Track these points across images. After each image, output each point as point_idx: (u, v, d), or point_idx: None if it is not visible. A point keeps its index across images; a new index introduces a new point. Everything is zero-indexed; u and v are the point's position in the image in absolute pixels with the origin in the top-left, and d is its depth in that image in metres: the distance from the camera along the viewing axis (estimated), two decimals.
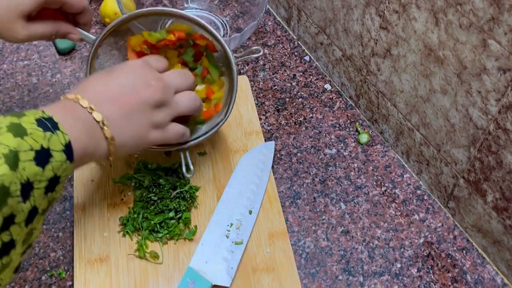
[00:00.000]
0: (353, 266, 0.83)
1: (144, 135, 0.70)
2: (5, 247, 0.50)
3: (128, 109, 0.68)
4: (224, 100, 0.88)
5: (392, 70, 0.89)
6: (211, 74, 0.88)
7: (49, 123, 0.56)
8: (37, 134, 0.54)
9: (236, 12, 1.18)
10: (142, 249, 0.81)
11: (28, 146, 0.52)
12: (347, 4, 0.94)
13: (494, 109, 0.72)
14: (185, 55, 0.87)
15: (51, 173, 0.55)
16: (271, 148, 0.95)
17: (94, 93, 0.66)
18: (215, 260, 0.81)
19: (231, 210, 0.86)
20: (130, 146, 0.70)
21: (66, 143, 0.57)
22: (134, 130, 0.69)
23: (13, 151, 0.50)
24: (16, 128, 0.52)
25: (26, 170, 0.51)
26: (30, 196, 0.52)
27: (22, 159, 0.51)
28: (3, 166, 0.49)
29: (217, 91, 0.88)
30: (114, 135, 0.66)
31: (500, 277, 0.83)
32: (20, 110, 1.00)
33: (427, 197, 0.92)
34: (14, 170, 0.50)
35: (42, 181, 0.54)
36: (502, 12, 0.65)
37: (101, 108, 0.65)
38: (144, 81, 0.70)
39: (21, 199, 0.51)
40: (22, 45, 1.12)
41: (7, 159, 0.50)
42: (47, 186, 0.55)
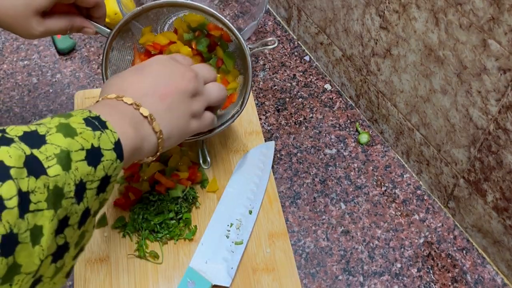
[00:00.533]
0: (353, 266, 0.83)
1: (186, 125, 0.71)
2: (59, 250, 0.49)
3: (170, 101, 0.67)
4: (239, 91, 0.89)
5: (392, 70, 0.89)
6: (226, 64, 0.89)
7: (97, 121, 0.56)
8: (87, 133, 0.53)
9: (236, 12, 1.18)
10: (142, 249, 0.81)
11: (79, 145, 0.52)
12: (347, 4, 0.94)
13: (494, 109, 0.72)
14: (200, 45, 0.88)
15: (103, 172, 0.54)
16: (271, 148, 0.95)
17: (133, 89, 0.66)
18: (215, 260, 0.81)
19: (231, 210, 0.86)
20: (176, 137, 0.70)
21: (116, 141, 0.57)
22: (177, 121, 0.69)
23: (64, 151, 0.50)
24: (66, 128, 0.52)
25: (79, 170, 0.51)
26: (84, 197, 0.52)
27: (74, 159, 0.50)
28: (56, 167, 0.48)
29: (232, 81, 0.89)
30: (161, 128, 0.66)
31: (500, 277, 0.83)
32: (20, 110, 1.00)
33: (427, 197, 0.92)
34: (67, 171, 0.49)
35: (94, 181, 0.53)
36: (502, 12, 0.65)
37: (145, 103, 0.64)
38: (178, 72, 0.70)
39: (75, 200, 0.50)
40: (22, 45, 1.12)
41: (59, 159, 0.49)
42: (99, 186, 0.54)
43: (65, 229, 0.49)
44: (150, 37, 0.88)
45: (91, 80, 1.06)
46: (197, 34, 0.88)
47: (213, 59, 0.89)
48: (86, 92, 1.00)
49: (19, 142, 0.47)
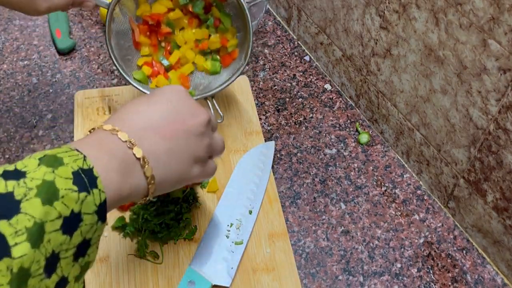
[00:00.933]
0: (353, 266, 0.83)
1: (186, 171, 0.62)
2: None
3: (173, 140, 0.60)
4: (241, 46, 0.92)
5: (392, 70, 0.89)
6: (224, 23, 0.91)
7: (87, 178, 0.49)
8: (70, 197, 0.47)
9: None
10: (142, 249, 0.81)
11: (57, 214, 0.46)
12: (347, 4, 0.94)
13: (494, 109, 0.72)
14: (195, 7, 0.91)
15: (80, 238, 0.48)
16: (271, 148, 0.95)
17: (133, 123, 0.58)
18: (215, 260, 0.81)
19: (231, 210, 0.86)
20: (170, 184, 0.61)
21: (101, 203, 0.50)
22: (177, 165, 0.61)
23: (38, 223, 0.44)
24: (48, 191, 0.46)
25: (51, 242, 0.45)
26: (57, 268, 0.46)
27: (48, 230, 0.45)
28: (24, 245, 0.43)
29: (231, 38, 0.92)
30: (154, 172, 0.58)
31: (500, 277, 0.83)
32: (20, 110, 1.00)
33: (427, 197, 0.92)
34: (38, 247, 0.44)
35: (70, 249, 0.47)
36: (502, 12, 0.65)
37: (142, 141, 0.57)
38: (190, 109, 0.63)
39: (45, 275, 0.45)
40: (22, 45, 1.12)
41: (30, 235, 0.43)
42: (76, 253, 0.48)
43: None
44: (146, 8, 0.90)
45: (91, 80, 1.06)
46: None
47: (210, 20, 0.92)
48: (86, 92, 1.00)
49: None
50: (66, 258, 0.47)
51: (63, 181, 0.47)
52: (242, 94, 1.01)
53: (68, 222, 0.46)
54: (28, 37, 1.13)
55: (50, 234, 0.45)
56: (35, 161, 0.48)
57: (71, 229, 0.47)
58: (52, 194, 0.46)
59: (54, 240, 0.45)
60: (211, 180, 0.89)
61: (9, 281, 0.42)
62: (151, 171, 0.57)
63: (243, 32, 0.91)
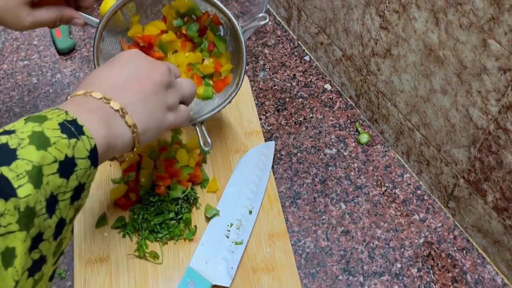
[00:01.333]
0: (353, 266, 0.83)
1: (162, 118, 0.67)
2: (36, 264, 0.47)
3: (144, 93, 0.64)
4: (234, 71, 0.89)
5: (392, 70, 0.89)
6: (218, 47, 0.89)
7: (73, 127, 0.53)
8: (61, 143, 0.50)
9: (236, 12, 1.18)
10: (142, 249, 0.81)
11: (52, 158, 0.49)
12: (347, 4, 0.94)
13: (494, 109, 0.72)
14: (189, 30, 0.88)
15: (76, 182, 0.52)
16: (271, 148, 0.95)
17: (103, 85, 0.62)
18: (215, 260, 0.81)
19: (231, 210, 0.86)
20: (152, 131, 0.66)
21: (92, 148, 0.54)
22: (153, 114, 0.65)
23: (36, 167, 0.47)
24: (39, 138, 0.49)
25: (50, 184, 0.48)
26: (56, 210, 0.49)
27: (46, 173, 0.48)
28: (27, 186, 0.46)
29: (225, 63, 0.89)
30: (135, 121, 0.62)
31: (500, 277, 0.83)
32: (20, 110, 1.00)
33: (427, 197, 0.92)
34: (39, 188, 0.47)
35: (67, 192, 0.51)
36: (502, 12, 0.65)
37: (115, 97, 0.61)
38: (149, 65, 0.67)
39: (47, 215, 0.48)
40: (22, 45, 1.12)
41: (31, 177, 0.46)
42: (72, 196, 0.52)
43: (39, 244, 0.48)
44: (138, 29, 0.87)
45: None
46: (186, 20, 0.89)
47: (204, 43, 0.89)
48: None
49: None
50: (64, 200, 0.50)
51: (51, 131, 0.50)
52: (242, 94, 1.01)
53: (64, 166, 0.50)
54: (28, 37, 1.13)
55: (48, 177, 0.48)
56: (21, 121, 0.51)
57: (67, 173, 0.50)
58: (43, 141, 0.49)
59: (52, 182, 0.49)
60: (211, 180, 0.89)
61: (18, 219, 0.45)
62: (132, 120, 0.61)
63: (237, 57, 0.88)
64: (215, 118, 0.97)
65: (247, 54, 0.84)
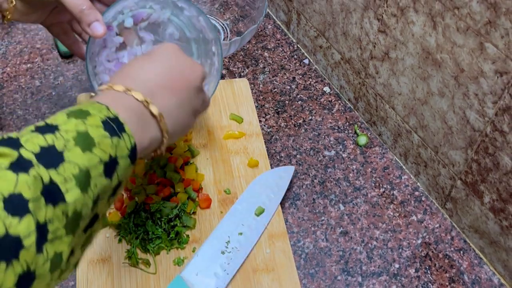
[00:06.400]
0: (351, 266, 0.84)
1: (188, 123, 0.66)
2: (59, 258, 0.46)
3: (180, 98, 0.63)
4: None
5: (390, 73, 0.90)
6: None
7: (115, 124, 0.52)
8: (105, 143, 0.50)
9: (237, 16, 1.19)
10: (134, 257, 0.81)
11: (98, 159, 0.49)
12: (346, 8, 0.95)
13: (491, 112, 0.73)
14: None
15: (117, 181, 0.52)
16: (289, 172, 0.93)
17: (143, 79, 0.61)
18: (206, 274, 0.79)
19: (233, 227, 0.85)
20: (177, 136, 0.66)
21: (132, 147, 0.53)
22: (183, 118, 0.64)
23: (83, 170, 0.47)
24: (84, 140, 0.49)
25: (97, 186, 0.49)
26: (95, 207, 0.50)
27: (93, 175, 0.48)
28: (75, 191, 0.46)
29: None
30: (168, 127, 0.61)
31: (497, 278, 0.84)
32: (23, 112, 1.01)
33: (425, 198, 0.93)
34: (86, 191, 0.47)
35: (108, 191, 0.51)
36: (499, 15, 0.66)
37: (155, 97, 0.60)
38: (188, 65, 0.66)
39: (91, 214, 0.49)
40: (25, 48, 1.13)
41: (78, 181, 0.47)
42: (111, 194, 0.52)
43: None
44: None
45: None
46: None
47: None
48: (89, 95, 1.01)
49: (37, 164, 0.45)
50: (104, 199, 0.51)
51: (94, 129, 0.50)
52: (242, 97, 1.02)
53: (108, 166, 0.50)
54: (31, 41, 1.14)
55: (96, 179, 0.48)
56: (63, 115, 0.51)
57: (111, 172, 0.50)
58: (89, 142, 0.49)
59: (100, 184, 0.49)
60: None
61: (65, 224, 0.45)
62: (166, 125, 0.60)
63: None
64: (216, 120, 0.98)
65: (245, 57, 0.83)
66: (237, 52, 1.14)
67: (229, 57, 1.13)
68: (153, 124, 0.59)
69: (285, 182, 0.91)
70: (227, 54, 1.06)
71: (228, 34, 1.17)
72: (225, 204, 0.88)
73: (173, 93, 0.62)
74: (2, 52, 1.12)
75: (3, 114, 1.00)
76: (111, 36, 0.79)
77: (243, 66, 1.12)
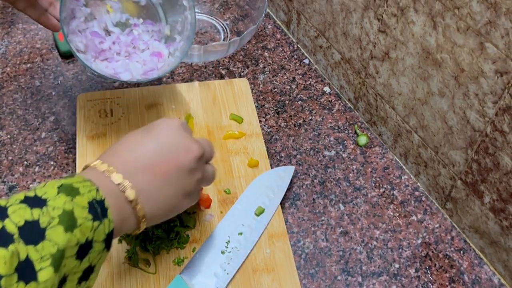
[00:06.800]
0: (351, 266, 0.84)
1: (176, 205, 0.65)
2: None
3: (164, 177, 0.61)
4: None
5: (390, 73, 0.90)
6: None
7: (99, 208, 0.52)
8: (86, 226, 0.50)
9: (237, 16, 1.19)
10: (134, 257, 0.80)
11: (76, 241, 0.49)
12: (346, 8, 0.95)
13: (491, 112, 0.73)
14: None
15: (87, 264, 0.51)
16: (289, 172, 0.93)
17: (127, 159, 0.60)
18: (206, 274, 0.79)
19: (233, 227, 0.85)
20: (162, 217, 0.64)
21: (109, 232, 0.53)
22: (167, 201, 0.63)
23: (60, 250, 0.47)
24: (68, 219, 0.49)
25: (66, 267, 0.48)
26: None
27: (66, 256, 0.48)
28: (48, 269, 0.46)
29: None
30: (146, 210, 0.60)
31: (497, 278, 0.84)
32: (23, 112, 1.01)
33: (425, 198, 0.93)
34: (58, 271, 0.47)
35: (77, 273, 0.50)
36: (499, 15, 0.66)
37: (134, 178, 0.59)
38: (184, 145, 0.64)
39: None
40: (25, 48, 1.13)
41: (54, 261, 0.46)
42: (81, 276, 0.51)
43: None
44: None
45: (93, 83, 1.07)
46: None
47: None
48: (88, 94, 1.01)
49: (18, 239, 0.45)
50: (72, 281, 0.50)
51: (80, 210, 0.50)
52: (242, 97, 1.02)
53: (82, 248, 0.50)
54: (31, 41, 1.14)
55: (67, 259, 0.48)
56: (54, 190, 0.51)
57: (83, 255, 0.50)
58: (72, 222, 0.49)
59: (69, 265, 0.49)
60: None
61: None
62: (142, 211, 0.59)
63: None
64: (216, 120, 0.98)
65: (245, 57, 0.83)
66: (237, 52, 1.14)
67: (229, 57, 1.13)
68: (128, 208, 0.58)
69: (285, 182, 0.91)
70: (226, 54, 1.06)
71: (228, 34, 1.17)
72: (225, 204, 0.88)
73: (155, 175, 0.61)
74: (2, 52, 1.12)
75: (3, 114, 1.00)
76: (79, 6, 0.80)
77: (243, 66, 1.12)
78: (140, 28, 0.91)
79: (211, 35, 1.18)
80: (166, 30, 0.91)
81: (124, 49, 0.88)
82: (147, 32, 0.91)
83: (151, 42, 0.90)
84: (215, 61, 1.12)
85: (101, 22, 0.85)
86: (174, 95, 1.02)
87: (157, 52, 0.90)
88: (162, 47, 0.91)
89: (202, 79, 1.09)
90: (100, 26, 0.85)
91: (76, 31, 0.83)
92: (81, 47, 0.82)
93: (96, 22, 0.85)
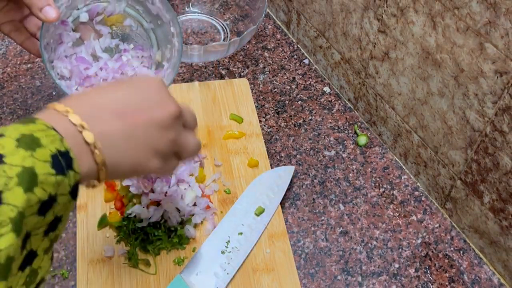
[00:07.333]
0: (351, 266, 0.84)
1: (143, 161, 0.58)
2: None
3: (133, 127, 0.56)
4: None
5: (390, 73, 0.90)
6: None
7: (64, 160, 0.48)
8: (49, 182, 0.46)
9: (237, 16, 1.19)
10: (134, 258, 0.81)
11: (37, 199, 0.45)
12: (346, 8, 0.95)
13: (491, 112, 0.73)
14: None
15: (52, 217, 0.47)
16: (289, 172, 0.93)
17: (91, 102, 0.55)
18: (206, 274, 0.80)
19: (233, 227, 0.85)
20: (125, 172, 0.58)
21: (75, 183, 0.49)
22: (133, 154, 0.57)
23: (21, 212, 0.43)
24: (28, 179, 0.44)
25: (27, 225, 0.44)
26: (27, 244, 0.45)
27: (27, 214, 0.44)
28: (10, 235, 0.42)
29: None
30: (107, 157, 0.54)
31: (497, 277, 0.84)
32: (24, 112, 1.01)
33: (424, 198, 0.93)
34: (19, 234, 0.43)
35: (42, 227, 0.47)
36: (499, 16, 0.66)
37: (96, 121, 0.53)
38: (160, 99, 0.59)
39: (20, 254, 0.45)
40: None
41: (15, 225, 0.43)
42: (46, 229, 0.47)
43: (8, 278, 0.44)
44: None
45: None
46: None
47: None
48: None
49: None
50: (37, 235, 0.47)
51: (41, 165, 0.46)
52: (242, 97, 1.02)
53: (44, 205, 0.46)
54: None
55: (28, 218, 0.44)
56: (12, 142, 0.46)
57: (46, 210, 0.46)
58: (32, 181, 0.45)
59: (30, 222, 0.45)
60: None
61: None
62: (101, 157, 0.53)
63: None
64: (216, 120, 0.98)
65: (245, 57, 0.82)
66: (237, 52, 1.14)
67: (229, 57, 1.13)
68: (87, 152, 0.53)
69: (285, 182, 0.91)
70: (226, 54, 1.06)
71: (228, 34, 1.17)
72: (225, 204, 0.89)
73: (120, 119, 0.55)
74: (2, 52, 1.12)
75: (4, 114, 1.01)
76: (67, 31, 0.78)
77: (243, 66, 1.12)
78: (129, 54, 0.87)
79: (211, 35, 1.18)
80: (157, 56, 0.87)
81: (111, 75, 0.84)
82: (137, 58, 0.88)
83: (140, 69, 0.86)
84: (215, 61, 1.12)
85: (89, 48, 0.82)
86: (174, 95, 1.01)
87: None
88: (151, 74, 0.86)
89: (202, 79, 1.09)
90: (87, 51, 0.82)
91: (62, 57, 0.80)
92: (65, 73, 0.79)
93: (84, 47, 0.81)
